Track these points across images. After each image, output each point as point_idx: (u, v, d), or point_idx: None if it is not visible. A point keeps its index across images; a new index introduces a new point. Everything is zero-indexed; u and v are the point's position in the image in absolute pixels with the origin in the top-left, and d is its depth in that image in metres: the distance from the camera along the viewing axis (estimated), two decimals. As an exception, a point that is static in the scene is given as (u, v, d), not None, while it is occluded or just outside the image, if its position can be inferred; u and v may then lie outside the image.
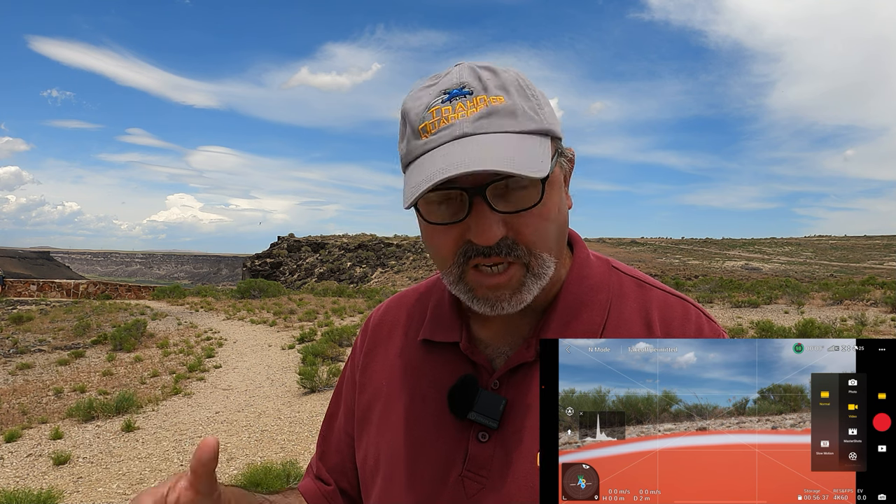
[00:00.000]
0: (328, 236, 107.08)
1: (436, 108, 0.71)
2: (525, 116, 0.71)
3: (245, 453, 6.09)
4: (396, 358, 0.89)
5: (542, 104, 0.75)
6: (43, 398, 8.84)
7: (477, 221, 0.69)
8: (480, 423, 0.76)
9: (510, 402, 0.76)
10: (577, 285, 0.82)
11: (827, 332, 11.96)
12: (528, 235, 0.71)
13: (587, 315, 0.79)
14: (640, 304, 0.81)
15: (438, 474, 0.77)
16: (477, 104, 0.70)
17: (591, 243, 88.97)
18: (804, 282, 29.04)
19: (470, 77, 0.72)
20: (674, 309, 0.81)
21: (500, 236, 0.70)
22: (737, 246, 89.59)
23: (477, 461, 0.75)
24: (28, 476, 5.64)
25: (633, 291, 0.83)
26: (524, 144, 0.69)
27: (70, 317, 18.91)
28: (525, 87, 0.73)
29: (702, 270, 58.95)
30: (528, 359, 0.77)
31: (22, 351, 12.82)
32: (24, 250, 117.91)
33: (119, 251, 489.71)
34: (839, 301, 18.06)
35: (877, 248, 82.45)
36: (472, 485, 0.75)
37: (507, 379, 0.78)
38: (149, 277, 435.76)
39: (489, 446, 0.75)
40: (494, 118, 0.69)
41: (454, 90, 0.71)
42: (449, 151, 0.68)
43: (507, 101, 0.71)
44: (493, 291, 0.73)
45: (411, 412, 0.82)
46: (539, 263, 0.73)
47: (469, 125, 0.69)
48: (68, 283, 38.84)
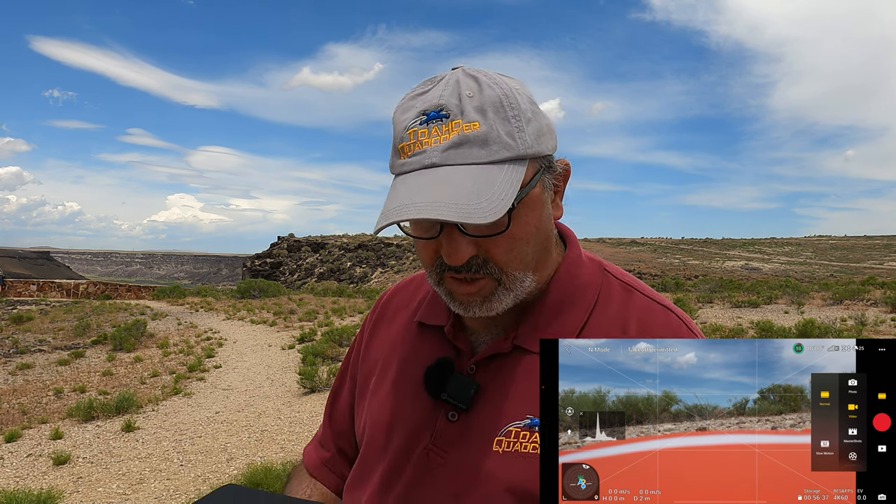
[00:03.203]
0: (328, 236, 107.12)
1: (413, 131, 0.73)
2: (499, 144, 0.72)
3: (245, 453, 6.10)
4: (396, 336, 0.95)
5: (525, 124, 0.74)
6: (43, 398, 8.84)
7: (447, 243, 0.74)
8: (451, 404, 0.81)
9: (482, 387, 0.81)
10: (565, 284, 0.84)
11: (827, 332, 11.96)
12: (499, 256, 0.75)
13: (569, 314, 0.82)
14: (622, 309, 0.83)
15: (407, 445, 0.83)
16: (451, 130, 0.71)
17: (592, 243, 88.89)
18: (804, 282, 29.04)
19: (451, 96, 0.72)
20: (655, 316, 0.82)
21: (468, 256, 0.74)
22: (737, 246, 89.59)
23: (443, 438, 0.81)
24: (28, 476, 5.64)
25: (619, 295, 0.85)
26: (490, 178, 0.70)
27: (70, 317, 18.91)
28: (508, 106, 0.73)
29: (702, 270, 58.95)
30: (504, 350, 0.81)
31: (22, 351, 12.82)
32: (25, 250, 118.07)
33: (119, 251, 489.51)
34: (839, 301, 18.06)
35: (877, 248, 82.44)
36: (436, 458, 0.80)
37: (483, 365, 0.82)
38: (149, 277, 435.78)
39: (457, 426, 0.80)
40: (464, 148, 0.71)
41: (432, 112, 0.72)
42: (414, 184, 0.71)
43: (482, 128, 0.71)
44: (466, 297, 0.78)
45: (397, 387, 0.89)
46: (510, 279, 0.77)
47: (438, 155, 0.71)
48: (68, 283, 38.85)
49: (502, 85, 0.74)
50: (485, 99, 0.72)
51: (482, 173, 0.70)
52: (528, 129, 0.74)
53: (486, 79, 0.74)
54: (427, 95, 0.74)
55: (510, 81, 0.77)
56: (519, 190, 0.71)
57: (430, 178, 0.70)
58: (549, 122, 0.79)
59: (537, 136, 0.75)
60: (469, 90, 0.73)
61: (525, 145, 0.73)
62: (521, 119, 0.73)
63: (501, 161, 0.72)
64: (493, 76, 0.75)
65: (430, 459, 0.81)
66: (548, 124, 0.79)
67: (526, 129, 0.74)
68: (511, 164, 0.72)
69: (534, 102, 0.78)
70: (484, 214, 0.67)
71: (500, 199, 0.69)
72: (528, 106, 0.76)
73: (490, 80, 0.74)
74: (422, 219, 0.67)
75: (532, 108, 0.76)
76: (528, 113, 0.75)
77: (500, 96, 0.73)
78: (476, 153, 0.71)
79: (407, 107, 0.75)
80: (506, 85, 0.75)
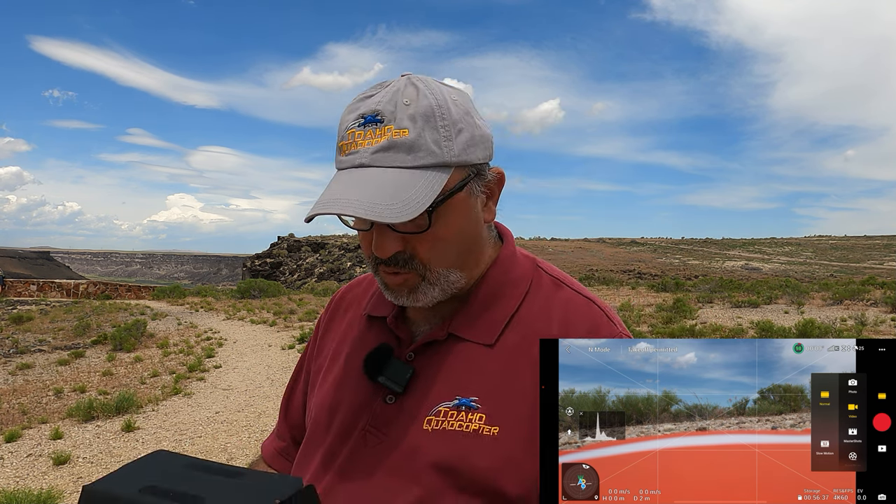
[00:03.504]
0: (328, 236, 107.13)
1: (351, 132, 0.80)
2: (425, 151, 0.78)
3: (245, 453, 6.10)
4: (347, 329, 1.02)
5: (455, 134, 0.80)
6: (43, 398, 8.84)
7: (376, 237, 0.82)
8: (388, 387, 0.86)
9: (418, 372, 0.87)
10: (498, 278, 0.91)
11: (827, 332, 11.96)
12: (423, 253, 0.83)
13: (500, 305, 0.89)
14: (549, 301, 0.90)
15: (348, 426, 0.89)
16: (383, 134, 0.78)
17: (592, 243, 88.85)
18: (804, 282, 29.04)
19: (388, 103, 0.79)
20: (578, 307, 0.89)
21: (393, 251, 0.81)
22: (737, 246, 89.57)
23: (380, 419, 0.86)
24: (28, 476, 5.64)
25: (548, 289, 0.91)
26: (412, 182, 0.77)
27: (70, 317, 18.91)
28: (439, 116, 0.79)
29: (702, 270, 58.94)
30: (439, 337, 0.88)
31: (22, 351, 12.82)
32: (25, 250, 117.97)
33: (119, 251, 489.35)
34: (839, 301, 18.06)
35: (877, 248, 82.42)
36: (372, 438, 0.86)
37: (420, 352, 0.88)
38: (149, 277, 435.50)
39: (393, 408, 0.86)
40: (391, 152, 0.78)
41: (369, 116, 0.79)
42: (343, 181, 0.78)
43: (411, 135, 0.78)
44: (395, 287, 0.86)
45: (342, 373, 0.95)
46: (435, 276, 0.84)
47: (368, 156, 0.78)
48: (68, 283, 38.85)
49: (438, 95, 0.80)
50: (418, 108, 0.78)
51: (403, 176, 0.77)
52: (458, 139, 0.80)
53: (425, 88, 0.80)
54: (369, 100, 0.81)
55: (451, 93, 0.83)
56: (440, 194, 0.78)
57: (357, 176, 0.78)
58: (484, 133, 0.85)
59: (466, 145, 0.81)
60: (407, 98, 0.79)
61: (451, 154, 0.80)
62: (450, 129, 0.80)
63: (425, 167, 0.78)
64: (433, 86, 0.81)
65: (367, 438, 0.86)
66: (482, 135, 0.84)
67: (454, 139, 0.80)
68: (434, 170, 0.79)
69: (471, 114, 0.84)
70: (394, 214, 0.74)
71: (416, 201, 0.75)
72: (462, 117, 0.82)
73: (429, 89, 0.80)
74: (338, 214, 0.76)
75: (467, 119, 0.82)
76: (459, 124, 0.81)
77: (434, 106, 0.79)
78: (402, 157, 0.78)
79: (352, 108, 0.82)
80: (442, 96, 0.81)
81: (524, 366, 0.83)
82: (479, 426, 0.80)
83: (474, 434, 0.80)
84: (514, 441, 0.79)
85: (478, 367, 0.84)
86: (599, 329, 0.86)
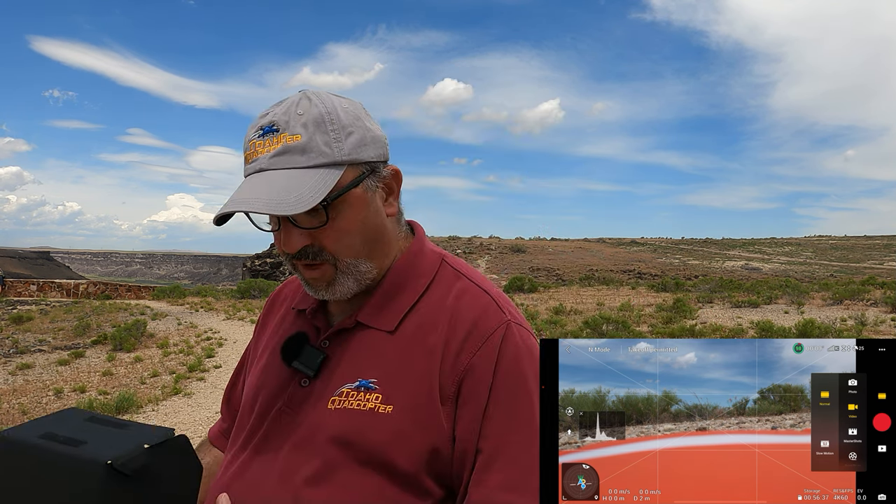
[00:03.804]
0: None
1: (252, 142, 0.90)
2: (316, 152, 0.87)
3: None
4: (279, 322, 1.11)
5: (345, 136, 0.90)
6: (43, 398, 8.84)
7: (283, 234, 0.91)
8: (302, 371, 0.95)
9: (330, 357, 0.95)
10: (403, 270, 0.99)
11: (827, 332, 11.96)
12: (330, 245, 0.91)
13: (403, 295, 0.97)
14: (447, 290, 0.97)
15: (267, 407, 0.97)
16: (279, 141, 0.88)
17: (592, 243, 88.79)
18: (804, 282, 29.03)
19: (283, 114, 0.89)
20: (469, 293, 0.96)
21: (300, 246, 0.90)
22: (737, 246, 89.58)
23: (294, 400, 0.94)
24: (28, 476, 5.63)
25: (448, 280, 0.99)
26: (305, 179, 0.86)
27: (70, 317, 18.91)
28: (329, 122, 0.89)
29: (702, 270, 58.92)
30: (348, 325, 0.96)
31: (22, 351, 12.83)
32: (25, 250, 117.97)
33: (119, 251, 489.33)
34: (839, 301, 18.06)
35: (877, 248, 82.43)
36: (286, 417, 0.94)
37: (333, 340, 0.97)
38: (149, 277, 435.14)
39: (306, 390, 0.94)
40: (286, 156, 0.87)
41: (266, 127, 0.89)
42: (246, 185, 0.88)
43: (303, 139, 0.87)
44: (313, 281, 0.94)
45: (267, 362, 1.04)
46: (345, 265, 0.92)
47: (266, 162, 0.88)
48: (68, 283, 38.84)
49: (328, 104, 0.90)
50: (310, 116, 0.88)
51: (298, 175, 0.86)
52: (347, 141, 0.90)
53: (317, 99, 0.90)
54: (267, 115, 0.90)
55: (342, 102, 0.93)
56: (334, 189, 0.87)
57: (258, 180, 0.87)
58: (376, 135, 0.94)
59: (356, 146, 0.91)
60: (301, 109, 0.89)
61: (341, 153, 0.89)
62: (339, 132, 0.89)
63: (318, 166, 0.87)
64: (325, 98, 0.91)
65: (281, 418, 0.94)
66: (373, 137, 0.94)
67: (344, 141, 0.89)
68: (326, 169, 0.88)
69: (361, 119, 0.93)
70: (289, 208, 0.83)
71: (308, 196, 0.84)
72: (352, 122, 0.91)
73: (320, 100, 0.90)
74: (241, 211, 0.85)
75: (356, 123, 0.92)
76: (349, 128, 0.90)
77: (323, 113, 0.89)
78: (296, 159, 0.87)
79: (254, 124, 0.92)
80: (332, 104, 0.90)
81: (419, 350, 0.91)
82: (375, 405, 0.88)
83: (370, 412, 0.88)
84: (405, 418, 0.87)
85: (379, 352, 0.92)
86: (487, 313, 0.93)
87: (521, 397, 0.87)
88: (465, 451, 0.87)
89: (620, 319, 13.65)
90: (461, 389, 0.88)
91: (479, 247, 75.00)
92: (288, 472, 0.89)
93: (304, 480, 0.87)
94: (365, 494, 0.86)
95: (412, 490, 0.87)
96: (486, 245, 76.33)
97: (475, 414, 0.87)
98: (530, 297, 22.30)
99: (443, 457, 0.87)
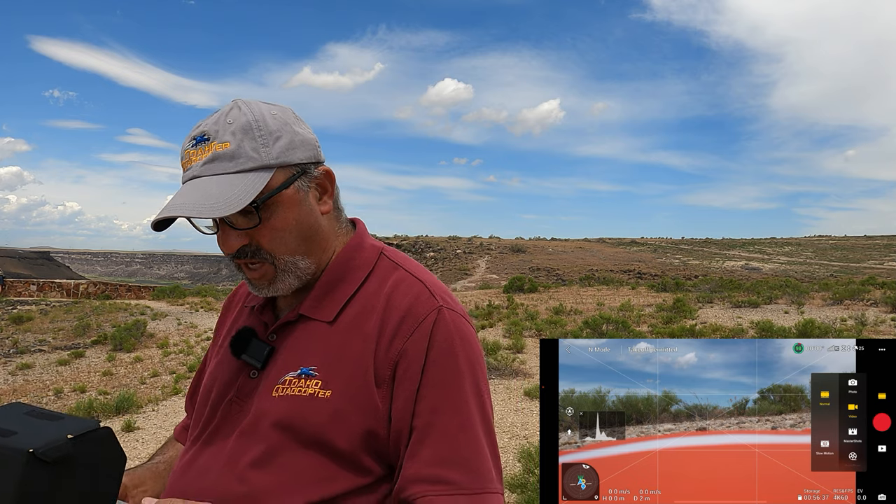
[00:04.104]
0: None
1: (187, 152, 0.96)
2: (245, 157, 0.93)
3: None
4: (235, 319, 1.17)
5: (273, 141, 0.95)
6: (43, 398, 8.83)
7: (220, 236, 0.97)
8: (250, 363, 1.01)
9: (276, 350, 1.01)
10: (341, 265, 1.04)
11: (827, 332, 11.96)
12: (266, 244, 0.96)
13: (341, 288, 1.02)
14: (384, 281, 1.02)
15: (219, 399, 1.03)
16: (210, 149, 0.94)
17: (592, 243, 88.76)
18: (804, 282, 29.02)
19: (214, 124, 0.94)
20: (404, 283, 1.01)
21: (238, 246, 0.96)
22: (737, 246, 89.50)
23: (243, 391, 1.00)
24: (28, 476, 5.63)
25: (386, 271, 1.04)
26: (234, 183, 0.91)
27: (70, 317, 18.91)
28: (256, 128, 0.94)
29: (702, 270, 58.87)
30: (292, 318, 1.02)
31: (22, 351, 12.82)
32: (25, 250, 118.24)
33: (119, 251, 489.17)
34: (839, 301, 18.06)
35: (877, 248, 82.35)
36: (235, 408, 1.00)
37: (279, 333, 1.03)
38: (149, 277, 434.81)
39: (254, 381, 1.00)
40: (216, 163, 0.93)
41: (198, 137, 0.95)
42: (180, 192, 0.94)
43: (231, 146, 0.93)
44: (255, 281, 1.00)
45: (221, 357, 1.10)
46: (283, 263, 0.98)
47: (198, 169, 0.94)
48: (68, 283, 38.82)
49: (256, 112, 0.96)
50: (238, 124, 0.94)
51: (227, 180, 0.92)
52: (276, 145, 0.95)
53: (246, 108, 0.96)
54: (200, 126, 0.96)
55: (270, 109, 0.98)
56: (264, 191, 0.92)
57: (190, 187, 0.93)
58: (305, 138, 0.99)
59: (285, 149, 0.96)
60: (231, 118, 0.94)
61: (269, 157, 0.94)
62: (267, 138, 0.95)
63: (247, 170, 0.93)
64: (253, 106, 0.97)
65: (231, 408, 1.00)
66: (302, 140, 0.99)
67: (272, 145, 0.95)
68: (255, 172, 0.93)
69: (289, 123, 0.98)
70: (218, 210, 0.88)
71: (237, 198, 0.89)
72: (280, 127, 0.97)
73: (249, 109, 0.96)
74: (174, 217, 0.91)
75: (285, 128, 0.97)
76: (277, 133, 0.96)
77: (251, 121, 0.94)
78: (225, 165, 0.93)
79: (189, 135, 0.97)
80: (260, 112, 0.96)
81: (356, 338, 0.96)
82: (315, 390, 0.93)
83: (310, 397, 0.93)
84: (343, 401, 0.92)
85: (319, 341, 0.98)
86: (420, 299, 0.97)
87: (453, 378, 0.92)
88: (401, 431, 0.92)
89: (620, 319, 13.65)
90: (396, 372, 0.93)
91: (479, 247, 74.96)
92: (234, 458, 0.95)
93: (249, 463, 0.93)
94: (307, 473, 0.91)
95: (352, 468, 0.92)
96: (486, 245, 76.29)
97: (409, 395, 0.91)
98: (530, 297, 22.30)
99: (380, 436, 0.92)
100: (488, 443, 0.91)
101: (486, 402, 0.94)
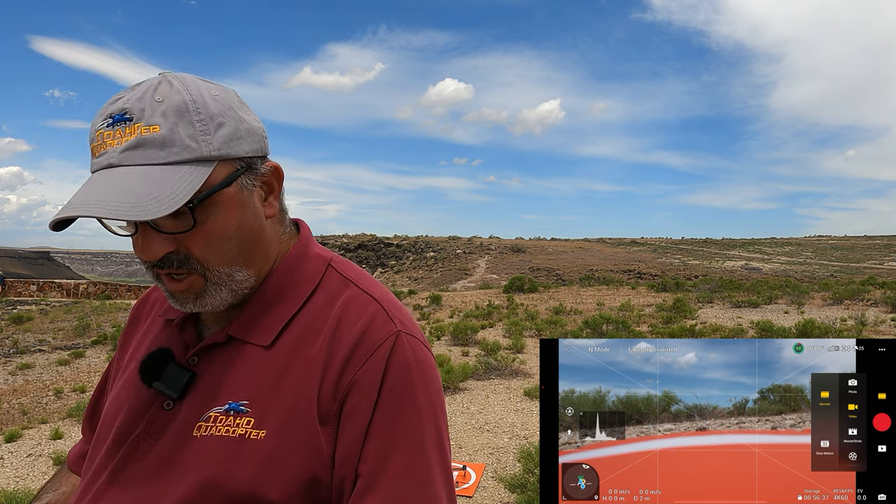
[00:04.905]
0: (328, 236, 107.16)
1: (100, 132, 0.76)
2: (180, 146, 0.75)
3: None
4: (146, 331, 0.98)
5: (214, 128, 0.77)
6: (43, 398, 8.84)
7: (141, 240, 0.77)
8: (164, 393, 0.83)
9: (200, 376, 0.83)
10: (282, 278, 0.88)
11: (827, 332, 11.96)
12: (197, 252, 0.79)
13: (282, 306, 0.86)
14: (333, 299, 0.87)
15: (123, 433, 0.84)
16: (133, 132, 0.74)
17: (592, 243, 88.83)
18: (804, 282, 29.03)
19: (138, 101, 0.75)
20: (356, 302, 0.86)
21: (163, 253, 0.77)
22: (737, 246, 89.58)
23: (154, 425, 0.82)
24: (28, 476, 5.64)
25: (335, 287, 0.88)
26: (165, 178, 0.73)
27: (70, 317, 18.91)
28: (194, 111, 0.76)
29: (702, 270, 58.91)
30: (220, 340, 0.85)
31: (22, 351, 12.83)
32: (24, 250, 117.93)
33: (119, 251, 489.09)
34: (839, 301, 18.06)
35: (877, 248, 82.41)
36: (144, 445, 0.81)
37: (203, 356, 0.85)
38: (149, 277, 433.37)
39: (169, 414, 0.82)
40: (142, 150, 0.74)
41: (117, 115, 0.75)
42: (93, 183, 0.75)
43: (162, 130, 0.74)
44: (179, 294, 0.82)
45: (128, 378, 0.91)
46: (216, 275, 0.81)
47: (117, 156, 0.74)
48: (68, 283, 38.83)
49: (193, 91, 0.77)
50: (171, 104, 0.75)
51: (156, 173, 0.74)
52: (217, 133, 0.77)
53: (179, 84, 0.77)
54: (119, 101, 0.76)
55: (211, 88, 0.80)
56: (202, 189, 0.75)
57: (106, 177, 0.74)
58: (251, 127, 0.83)
59: (228, 139, 0.79)
60: (160, 95, 0.76)
61: (210, 148, 0.77)
62: (207, 123, 0.77)
63: (182, 162, 0.75)
64: (188, 82, 0.78)
65: (139, 445, 0.82)
66: (248, 129, 0.82)
67: (213, 133, 0.77)
68: (192, 165, 0.76)
69: (234, 108, 0.81)
70: (144, 212, 0.70)
71: (169, 197, 0.72)
72: (223, 111, 0.79)
73: (183, 85, 0.77)
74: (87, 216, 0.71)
75: (229, 113, 0.80)
76: (219, 118, 0.78)
77: (187, 101, 0.76)
78: (154, 154, 0.74)
79: (102, 110, 0.77)
80: (198, 91, 0.78)
81: (297, 364, 0.81)
82: (246, 430, 0.78)
83: (240, 439, 0.77)
84: (279, 442, 0.77)
85: (253, 370, 0.81)
86: (375, 322, 0.83)
87: (407, 413, 0.78)
88: (344, 478, 0.77)
89: (620, 319, 13.65)
90: (343, 407, 0.78)
91: (479, 247, 74.98)
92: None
93: None
94: None
95: None
96: (486, 245, 76.32)
97: (357, 433, 0.77)
98: (530, 297, 22.30)
99: (322, 484, 0.78)
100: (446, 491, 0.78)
101: (445, 440, 0.81)
